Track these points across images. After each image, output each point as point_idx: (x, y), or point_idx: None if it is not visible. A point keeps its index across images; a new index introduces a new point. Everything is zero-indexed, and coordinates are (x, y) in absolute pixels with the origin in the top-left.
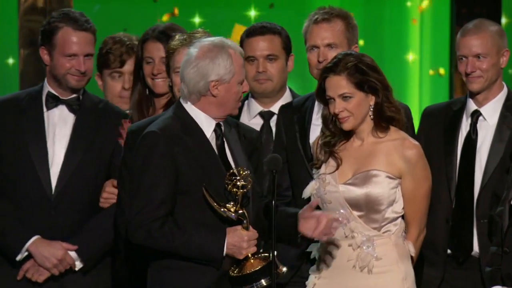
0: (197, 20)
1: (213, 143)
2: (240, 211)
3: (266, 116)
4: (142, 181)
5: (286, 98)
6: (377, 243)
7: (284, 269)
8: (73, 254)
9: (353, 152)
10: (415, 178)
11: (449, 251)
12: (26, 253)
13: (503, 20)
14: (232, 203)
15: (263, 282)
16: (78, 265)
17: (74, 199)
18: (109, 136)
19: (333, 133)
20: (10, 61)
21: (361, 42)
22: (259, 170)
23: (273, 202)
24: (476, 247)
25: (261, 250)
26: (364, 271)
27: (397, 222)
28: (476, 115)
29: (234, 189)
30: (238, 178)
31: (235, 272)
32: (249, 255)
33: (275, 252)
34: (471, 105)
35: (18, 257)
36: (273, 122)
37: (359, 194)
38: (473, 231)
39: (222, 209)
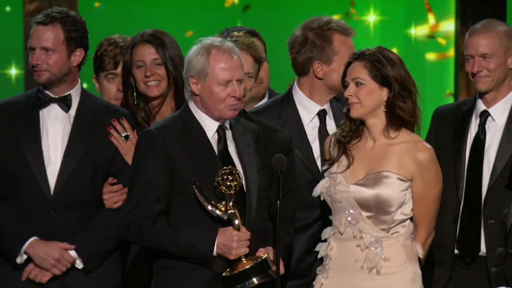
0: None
1: (215, 144)
2: (231, 211)
3: None
4: (138, 179)
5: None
6: (386, 244)
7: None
8: (73, 253)
9: (366, 152)
10: (426, 182)
11: (456, 251)
12: (25, 256)
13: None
14: (224, 203)
15: (255, 280)
16: (79, 264)
17: (74, 199)
18: (109, 137)
19: (351, 124)
20: (14, 71)
21: None
22: (292, 172)
23: (278, 202)
24: (483, 248)
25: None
26: (372, 272)
27: (406, 224)
28: (484, 115)
29: (224, 188)
30: (228, 177)
31: (227, 272)
32: (242, 256)
33: (267, 254)
34: (480, 106)
35: (18, 260)
36: None
37: (370, 195)
38: (480, 232)
39: (211, 208)
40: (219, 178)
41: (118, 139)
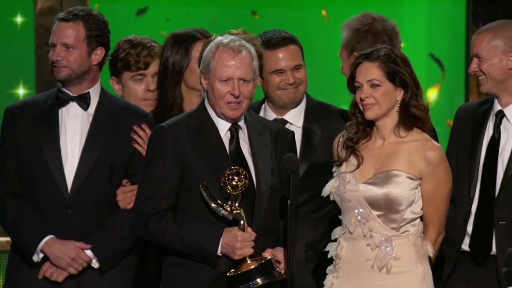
0: None
1: (227, 143)
2: (236, 211)
3: (280, 123)
4: (147, 174)
5: (302, 105)
6: (396, 243)
7: (282, 271)
8: (89, 252)
9: (375, 151)
10: (436, 180)
11: (468, 249)
12: (42, 254)
13: None
14: (230, 203)
15: (259, 281)
16: (95, 263)
17: (91, 197)
18: (128, 137)
19: (359, 125)
20: (22, 91)
21: None
22: (295, 171)
23: (289, 201)
24: (494, 248)
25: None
26: (382, 271)
27: (416, 223)
28: (500, 115)
29: (229, 189)
30: (234, 178)
31: (231, 272)
32: (247, 257)
33: (272, 255)
34: (496, 105)
35: (35, 258)
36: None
37: (379, 194)
38: (492, 232)
39: (217, 208)
40: (225, 179)
41: (143, 145)
